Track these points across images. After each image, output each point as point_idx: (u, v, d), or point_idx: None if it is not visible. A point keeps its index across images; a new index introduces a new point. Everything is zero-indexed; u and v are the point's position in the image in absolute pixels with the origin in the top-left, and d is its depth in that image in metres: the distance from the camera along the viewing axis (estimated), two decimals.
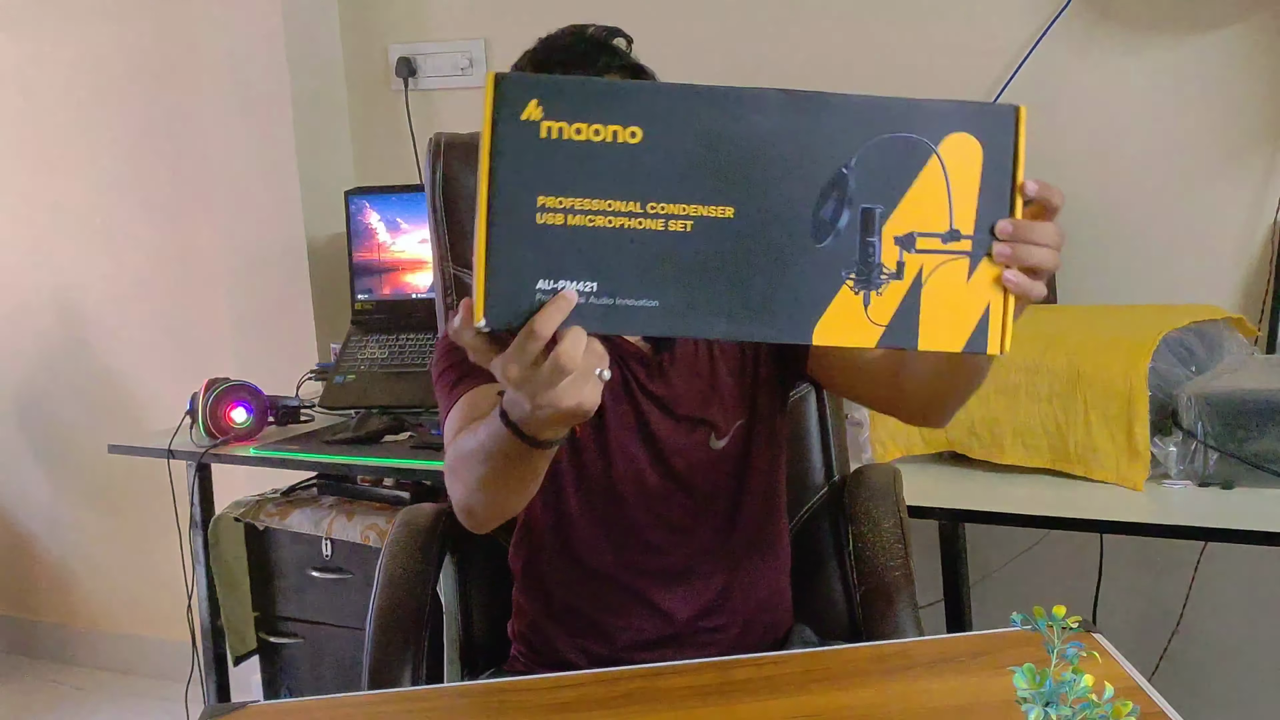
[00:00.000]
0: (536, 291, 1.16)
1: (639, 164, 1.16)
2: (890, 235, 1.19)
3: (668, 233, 1.17)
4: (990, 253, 1.20)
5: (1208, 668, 2.62)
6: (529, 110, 1.16)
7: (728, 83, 1.19)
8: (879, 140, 1.19)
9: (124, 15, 3.48)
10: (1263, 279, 2.46)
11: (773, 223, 1.17)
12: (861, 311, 1.19)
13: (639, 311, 1.17)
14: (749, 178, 1.17)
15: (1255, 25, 2.44)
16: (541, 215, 1.16)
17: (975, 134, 1.19)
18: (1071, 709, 1.05)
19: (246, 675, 3.09)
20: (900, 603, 1.78)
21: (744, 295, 1.18)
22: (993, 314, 1.21)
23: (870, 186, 1.18)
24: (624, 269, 1.16)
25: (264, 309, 3.29)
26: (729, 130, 1.17)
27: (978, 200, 1.20)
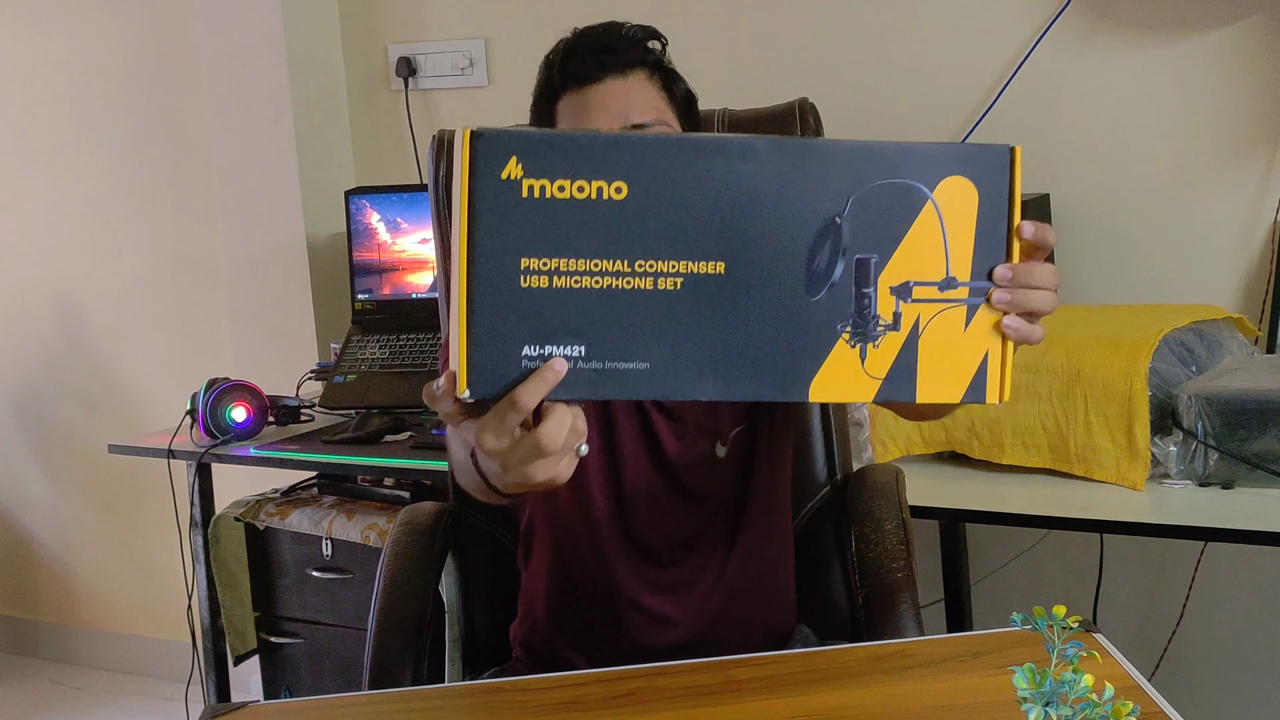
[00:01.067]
0: (523, 359, 1.11)
1: (625, 220, 1.10)
2: (886, 285, 1.15)
3: (657, 292, 1.12)
4: (989, 299, 1.17)
5: (1208, 668, 2.62)
6: (509, 169, 1.09)
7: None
8: (872, 187, 1.14)
9: (124, 15, 3.48)
10: (1263, 279, 2.46)
11: (765, 277, 1.13)
12: (858, 365, 1.16)
13: (630, 374, 1.13)
14: (739, 231, 1.12)
15: (1255, 25, 2.44)
16: (525, 279, 1.10)
17: (970, 177, 1.15)
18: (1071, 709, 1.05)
19: (246, 675, 3.09)
20: (903, 604, 1.78)
21: (738, 354, 1.14)
22: (991, 362, 1.18)
23: (864, 235, 1.14)
24: (613, 331, 1.12)
25: (264, 309, 3.29)
26: (717, 182, 1.12)
27: (974, 246, 1.16)
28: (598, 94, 1.59)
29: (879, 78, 2.74)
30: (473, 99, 3.14)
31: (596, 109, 1.58)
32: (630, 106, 1.58)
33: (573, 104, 1.60)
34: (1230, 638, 2.60)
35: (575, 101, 1.60)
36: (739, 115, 2.04)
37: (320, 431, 2.73)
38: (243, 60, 3.22)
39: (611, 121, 1.58)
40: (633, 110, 1.58)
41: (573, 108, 1.60)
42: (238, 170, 3.28)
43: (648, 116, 1.59)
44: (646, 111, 1.59)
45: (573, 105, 1.60)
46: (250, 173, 3.26)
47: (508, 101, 3.01)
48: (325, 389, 2.87)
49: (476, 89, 3.13)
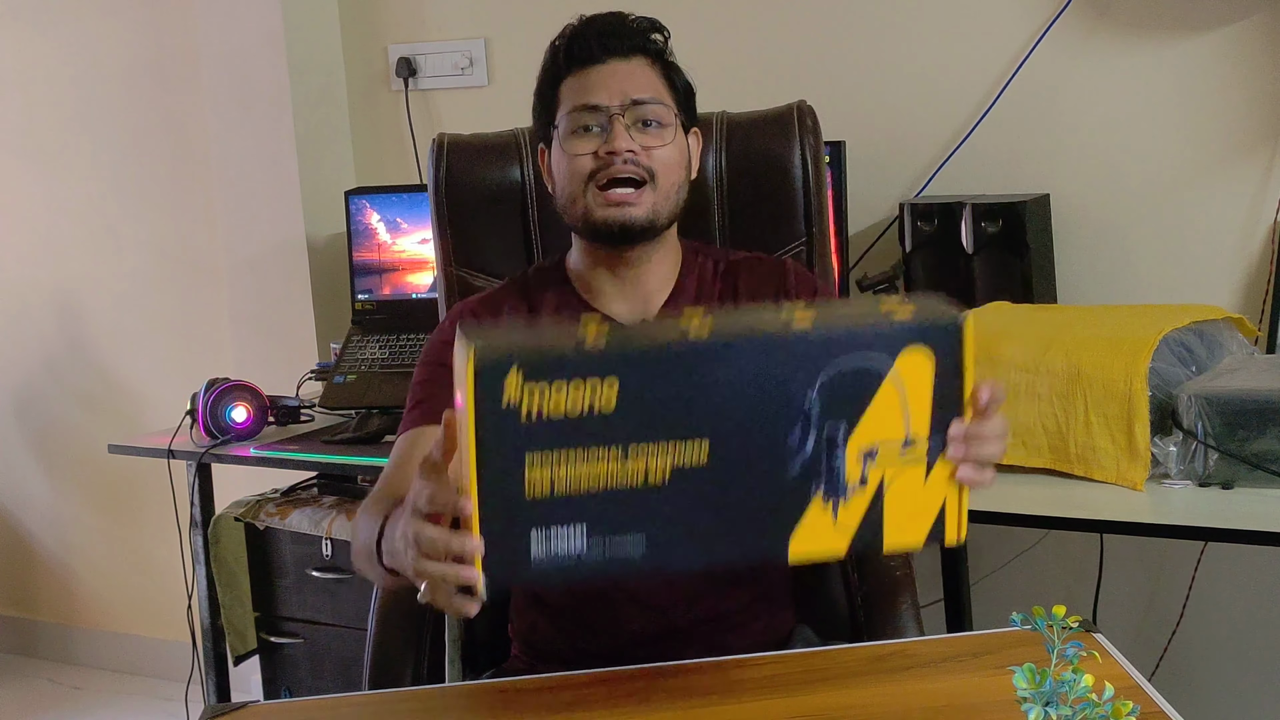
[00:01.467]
0: (533, 559, 1.22)
1: (616, 427, 1.21)
2: (854, 450, 1.26)
3: (648, 486, 1.23)
4: (945, 453, 1.28)
5: (1208, 668, 2.62)
6: (509, 389, 1.18)
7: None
8: (838, 368, 1.24)
9: (124, 15, 3.48)
10: (1263, 279, 2.46)
11: (746, 457, 1.24)
12: (831, 523, 1.27)
13: (627, 559, 1.24)
14: (720, 421, 1.23)
15: (1254, 25, 2.44)
16: (531, 489, 1.21)
17: (927, 349, 1.25)
18: (1071, 709, 1.05)
19: (246, 675, 3.09)
20: (902, 603, 1.78)
21: (722, 525, 1.26)
22: (949, 508, 1.30)
23: (833, 410, 1.25)
24: (610, 524, 1.23)
25: (264, 309, 3.29)
26: (698, 383, 1.22)
27: (932, 407, 1.26)
28: (600, 73, 1.64)
29: (879, 78, 2.74)
30: (473, 99, 3.14)
31: (597, 86, 1.64)
32: (630, 85, 1.64)
33: (575, 84, 1.66)
34: (1230, 638, 2.60)
35: (578, 81, 1.66)
36: (737, 118, 2.04)
37: (320, 431, 2.73)
38: (243, 60, 3.22)
39: (611, 98, 1.63)
40: (632, 88, 1.64)
41: (575, 86, 1.66)
42: (238, 170, 3.28)
43: (646, 94, 1.64)
44: (645, 90, 1.65)
45: (576, 84, 1.66)
46: (250, 173, 3.26)
47: (508, 101, 3.01)
48: (325, 389, 2.87)
49: (476, 89, 3.13)
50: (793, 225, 2.00)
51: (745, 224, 2.00)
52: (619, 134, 1.63)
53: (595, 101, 1.63)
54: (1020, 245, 2.46)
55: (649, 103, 1.64)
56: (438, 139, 2.03)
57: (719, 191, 2.00)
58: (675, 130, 1.67)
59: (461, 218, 2.01)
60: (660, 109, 1.65)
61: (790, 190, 1.99)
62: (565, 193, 1.68)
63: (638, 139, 1.64)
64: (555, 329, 1.30)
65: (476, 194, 2.01)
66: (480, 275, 1.99)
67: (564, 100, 1.67)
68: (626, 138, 1.63)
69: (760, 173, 2.00)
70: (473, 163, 2.02)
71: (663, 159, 1.65)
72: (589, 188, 1.64)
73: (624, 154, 1.62)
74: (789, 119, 2.02)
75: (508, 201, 2.01)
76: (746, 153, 2.00)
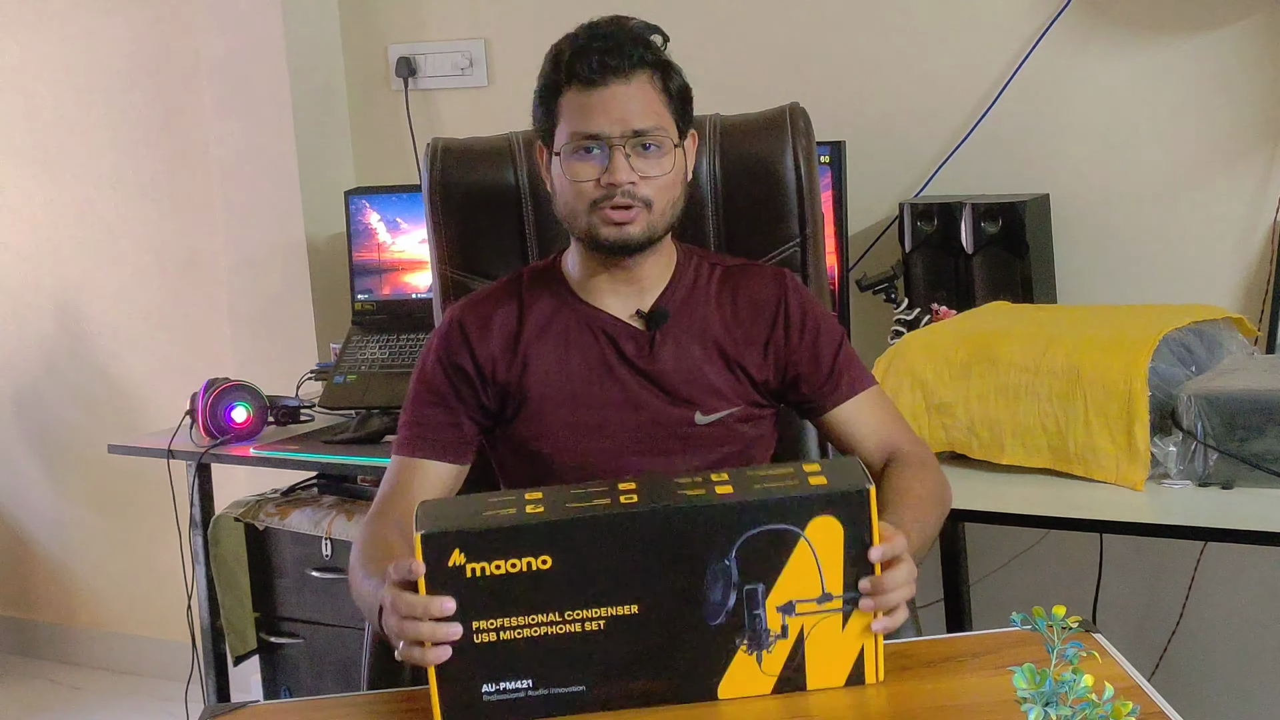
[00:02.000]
0: (483, 695, 1.39)
1: (553, 583, 1.37)
2: (773, 605, 1.40)
3: (585, 633, 1.39)
4: (858, 605, 1.41)
5: (1208, 668, 2.62)
6: (454, 558, 1.37)
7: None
8: (754, 533, 1.39)
9: (124, 15, 3.48)
10: (1263, 279, 2.46)
11: (673, 611, 1.39)
12: (756, 668, 1.41)
13: (570, 696, 1.40)
14: (647, 579, 1.39)
15: (1255, 25, 2.43)
16: (478, 636, 1.38)
17: (835, 516, 1.39)
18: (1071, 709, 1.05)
19: (246, 675, 3.09)
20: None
21: (656, 672, 1.40)
22: (867, 653, 1.43)
23: (751, 570, 1.39)
24: (552, 667, 1.39)
25: (264, 309, 3.29)
26: (625, 547, 1.38)
27: (843, 566, 1.40)
28: (601, 98, 1.69)
29: (879, 78, 2.74)
30: (472, 99, 3.14)
31: (599, 112, 1.69)
32: (630, 113, 1.69)
33: (576, 102, 1.71)
34: (1230, 638, 2.60)
35: (579, 101, 1.70)
36: (729, 121, 2.04)
37: (320, 431, 2.73)
38: (243, 60, 3.22)
39: (612, 126, 1.69)
40: (632, 117, 1.69)
41: (577, 106, 1.70)
42: (238, 170, 3.28)
43: (647, 123, 1.70)
44: (646, 117, 1.70)
45: (577, 103, 1.70)
46: (250, 173, 3.26)
47: (507, 101, 3.00)
48: (325, 389, 2.87)
49: (476, 89, 3.13)
50: (787, 227, 2.00)
51: (739, 226, 2.01)
52: (619, 165, 1.69)
53: (596, 131, 1.69)
54: (1020, 245, 2.46)
55: (649, 131, 1.70)
56: (431, 144, 2.04)
57: (713, 194, 2.00)
58: (672, 154, 1.73)
59: (456, 221, 2.01)
60: (659, 135, 1.71)
61: (784, 192, 2.00)
62: (566, 207, 1.74)
63: (637, 165, 1.70)
64: (496, 505, 1.43)
65: (471, 198, 2.02)
66: (476, 277, 2.00)
67: (565, 116, 1.72)
68: (626, 169, 1.69)
69: (753, 175, 2.01)
70: (467, 167, 2.03)
71: (660, 185, 1.71)
72: (591, 210, 1.71)
73: (624, 186, 1.69)
74: (781, 121, 2.02)
75: (502, 205, 2.02)
76: (739, 155, 2.01)
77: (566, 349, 1.78)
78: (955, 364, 2.14)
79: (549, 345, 1.78)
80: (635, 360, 1.77)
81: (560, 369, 1.77)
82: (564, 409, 1.77)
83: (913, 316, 2.48)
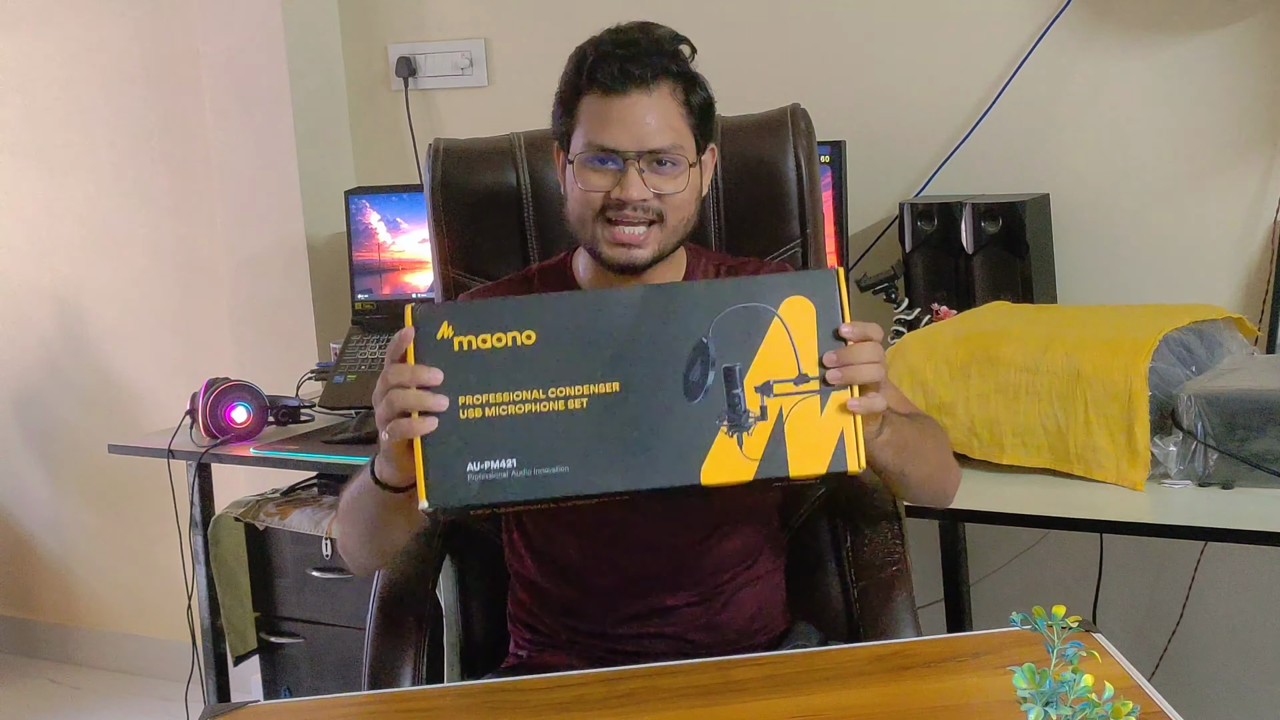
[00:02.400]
0: (468, 474, 1.40)
1: (537, 359, 1.41)
2: (751, 386, 1.42)
3: (568, 411, 1.41)
4: (828, 381, 1.43)
5: (1208, 668, 2.62)
6: (443, 330, 1.42)
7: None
8: (728, 312, 1.43)
9: (124, 15, 3.48)
10: (1263, 279, 2.46)
11: (653, 390, 1.42)
12: (737, 451, 1.42)
13: (553, 477, 1.41)
14: (627, 357, 1.42)
15: (1255, 25, 2.43)
16: (464, 412, 1.41)
17: (806, 295, 1.44)
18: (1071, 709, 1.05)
19: (246, 675, 3.09)
20: (897, 597, 1.78)
21: (637, 452, 1.42)
22: (847, 437, 1.44)
23: (727, 349, 1.43)
24: (536, 445, 1.41)
25: (264, 309, 3.29)
26: (605, 323, 1.43)
27: (817, 347, 1.44)
28: (620, 108, 1.65)
29: (879, 78, 2.74)
30: (472, 99, 3.14)
31: (618, 123, 1.65)
32: (647, 131, 1.65)
33: (596, 109, 1.67)
34: (1230, 638, 2.60)
35: (598, 107, 1.66)
36: (730, 122, 2.04)
37: (320, 431, 2.73)
38: (243, 60, 3.22)
39: (629, 141, 1.65)
40: (649, 135, 1.65)
41: (595, 113, 1.67)
42: (238, 170, 3.28)
43: (664, 141, 1.66)
44: (664, 134, 1.66)
45: (596, 110, 1.67)
46: (250, 173, 3.26)
47: (507, 101, 3.01)
48: (325, 389, 2.87)
49: (476, 89, 3.13)
50: (788, 227, 2.00)
51: (741, 227, 2.01)
52: (633, 182, 1.65)
53: (613, 145, 1.65)
54: (1020, 245, 2.46)
55: (666, 150, 1.66)
56: (433, 145, 2.04)
57: (714, 195, 2.00)
58: (688, 173, 1.69)
59: (458, 222, 2.01)
60: (676, 152, 1.67)
61: (785, 192, 2.00)
62: (576, 215, 1.71)
63: (651, 181, 1.66)
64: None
65: (472, 198, 2.02)
66: (477, 278, 2.00)
67: (583, 122, 1.68)
68: (640, 185, 1.65)
69: (754, 176, 2.01)
70: (468, 168, 2.03)
71: (674, 202, 1.68)
72: (599, 221, 1.68)
73: (636, 203, 1.65)
74: (782, 122, 2.02)
75: (504, 206, 2.02)
76: (740, 156, 2.01)
77: None
78: (955, 364, 2.14)
79: None
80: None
81: None
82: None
83: (913, 316, 2.49)
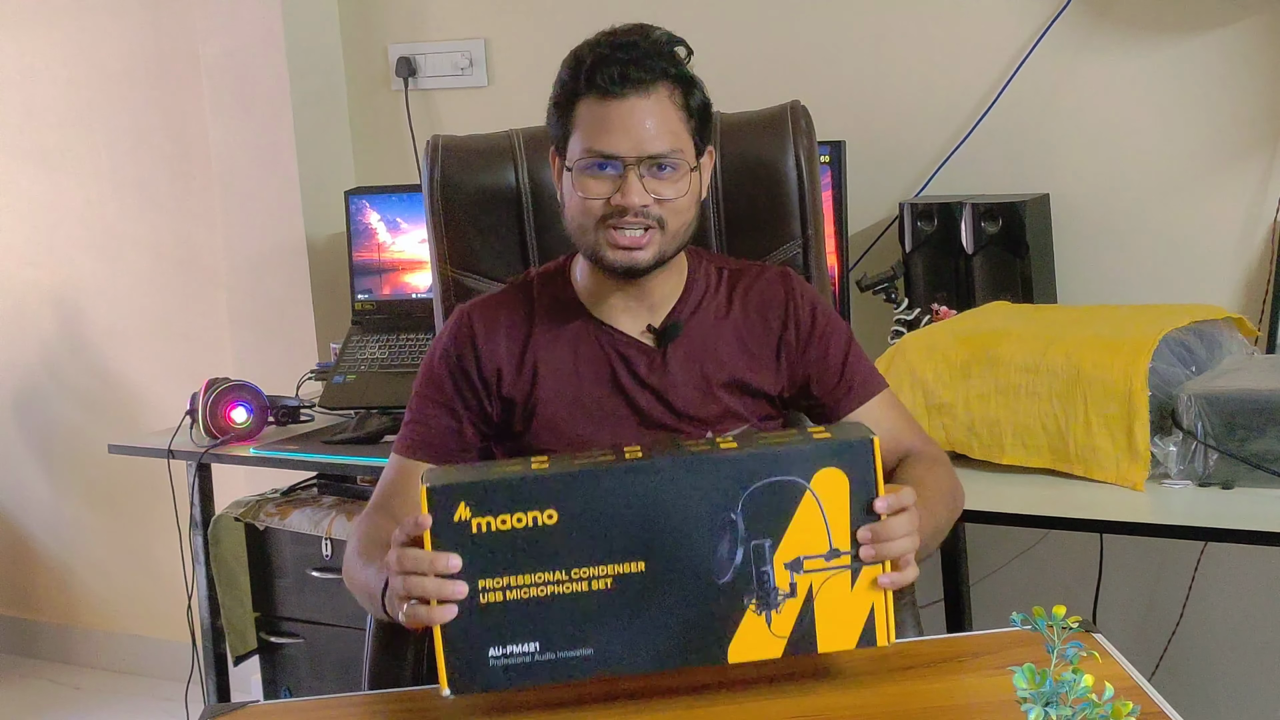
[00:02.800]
0: (490, 659, 1.38)
1: (559, 539, 1.36)
2: (780, 562, 1.38)
3: (592, 592, 1.37)
4: (868, 562, 1.39)
5: (1208, 668, 2.62)
6: (460, 512, 1.36)
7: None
8: (758, 486, 1.38)
9: (124, 15, 3.48)
10: (1263, 279, 2.46)
11: (680, 569, 1.38)
12: (766, 629, 1.39)
13: (578, 660, 1.38)
14: (654, 534, 1.37)
15: (1255, 25, 2.43)
16: (484, 596, 1.37)
17: (840, 467, 1.39)
18: (1071, 709, 1.05)
19: (246, 675, 3.09)
20: (899, 600, 1.77)
21: (665, 633, 1.39)
22: (877, 612, 1.41)
23: (757, 525, 1.38)
24: (560, 628, 1.37)
25: (264, 309, 3.29)
26: (631, 499, 1.37)
27: (850, 520, 1.39)
28: (619, 111, 1.63)
29: (879, 78, 2.74)
30: (472, 99, 3.13)
31: (617, 128, 1.63)
32: (647, 135, 1.63)
33: (593, 113, 1.65)
34: (1230, 638, 2.60)
35: (596, 111, 1.65)
36: (731, 119, 2.04)
37: (320, 431, 2.73)
38: (243, 60, 3.22)
39: (628, 146, 1.63)
40: (649, 139, 1.64)
41: (592, 118, 1.65)
42: (238, 170, 3.28)
43: (664, 145, 1.64)
44: (663, 139, 1.64)
45: (593, 114, 1.65)
46: (250, 173, 3.26)
47: (507, 101, 3.01)
48: (325, 389, 2.87)
49: (476, 89, 3.13)
50: (788, 226, 2.00)
51: (741, 226, 2.01)
52: (633, 188, 1.63)
53: (611, 151, 1.63)
54: (1020, 245, 2.46)
55: (666, 154, 1.64)
56: (432, 141, 2.03)
57: (714, 193, 2.00)
58: (688, 176, 1.67)
59: (457, 220, 2.01)
60: (675, 157, 1.65)
61: (785, 191, 2.00)
62: (575, 223, 1.69)
63: (651, 186, 1.64)
64: (502, 466, 1.45)
65: (472, 196, 2.01)
66: (476, 277, 2.00)
67: (579, 127, 1.66)
68: (640, 191, 1.64)
69: (755, 174, 2.01)
70: (468, 165, 2.02)
71: (674, 207, 1.66)
72: (599, 227, 1.66)
73: (636, 209, 1.64)
74: (783, 120, 2.02)
75: (503, 204, 2.01)
76: (741, 154, 2.00)
77: (576, 365, 1.74)
78: (955, 364, 2.14)
79: (559, 360, 1.74)
80: (647, 378, 1.73)
81: (570, 386, 1.74)
82: (575, 427, 1.73)
83: (913, 316, 2.48)
